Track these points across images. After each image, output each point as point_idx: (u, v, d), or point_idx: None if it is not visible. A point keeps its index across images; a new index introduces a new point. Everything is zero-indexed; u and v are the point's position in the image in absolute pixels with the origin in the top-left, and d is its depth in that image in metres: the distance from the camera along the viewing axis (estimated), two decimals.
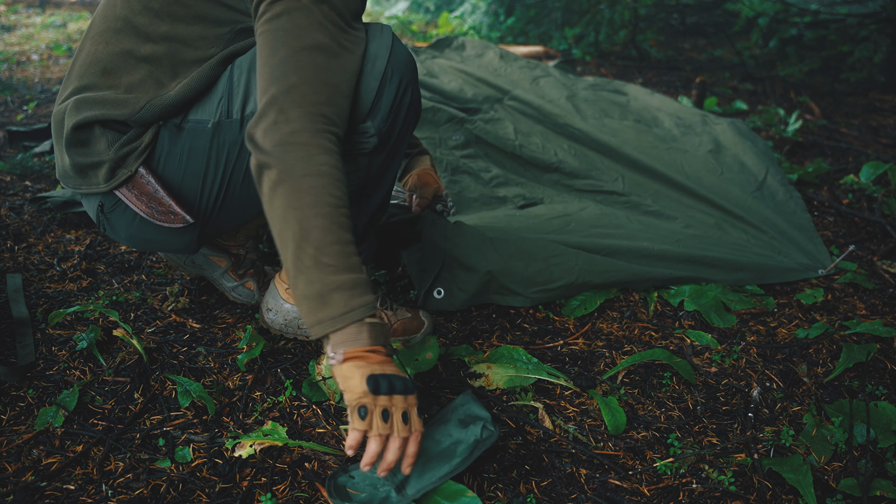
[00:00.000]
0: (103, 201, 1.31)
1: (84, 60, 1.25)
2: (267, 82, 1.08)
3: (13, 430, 1.25)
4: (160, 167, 1.28)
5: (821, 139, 3.11)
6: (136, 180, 1.26)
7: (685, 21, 5.87)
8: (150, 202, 1.27)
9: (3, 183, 2.33)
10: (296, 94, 1.06)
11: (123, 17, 1.20)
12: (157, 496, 1.12)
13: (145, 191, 1.27)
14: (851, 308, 1.76)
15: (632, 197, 2.26)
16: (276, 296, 1.51)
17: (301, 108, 1.05)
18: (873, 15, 3.96)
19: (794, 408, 1.39)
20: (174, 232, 1.32)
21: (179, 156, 1.26)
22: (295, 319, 1.50)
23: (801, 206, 2.31)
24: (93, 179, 1.28)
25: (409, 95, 1.24)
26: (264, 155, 1.04)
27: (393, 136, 1.25)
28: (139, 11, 1.19)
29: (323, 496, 1.13)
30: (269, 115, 1.05)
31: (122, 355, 1.45)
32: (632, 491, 1.17)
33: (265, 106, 1.06)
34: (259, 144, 1.05)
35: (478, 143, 2.51)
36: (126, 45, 1.21)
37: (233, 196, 1.31)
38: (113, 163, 1.24)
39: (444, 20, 5.92)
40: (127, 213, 1.31)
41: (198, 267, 1.64)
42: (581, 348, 1.58)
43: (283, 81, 1.06)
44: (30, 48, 4.70)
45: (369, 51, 1.19)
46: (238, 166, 1.27)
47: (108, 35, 1.22)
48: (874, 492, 1.15)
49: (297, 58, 1.07)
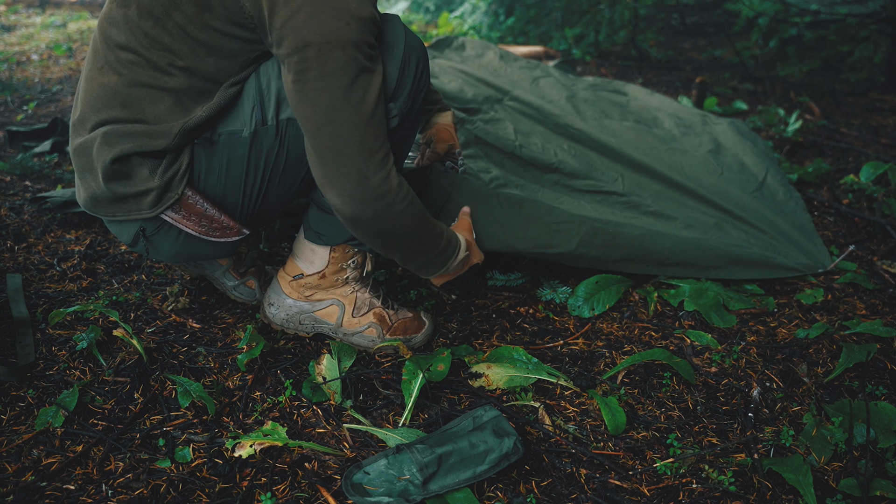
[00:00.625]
0: (145, 226, 1.30)
1: (98, 92, 1.22)
2: (318, 154, 1.18)
3: (13, 430, 1.25)
4: (201, 184, 1.28)
5: (821, 139, 3.11)
6: (184, 202, 1.27)
7: (685, 21, 5.87)
8: (202, 220, 1.29)
9: (3, 183, 2.33)
10: (347, 161, 1.17)
11: (133, 49, 1.18)
12: (157, 496, 1.12)
13: (195, 210, 1.28)
14: (851, 308, 1.76)
15: (632, 197, 2.25)
16: (278, 291, 1.51)
17: (357, 165, 1.17)
18: (873, 15, 3.96)
19: (794, 408, 1.39)
20: (220, 243, 1.34)
21: (218, 169, 1.27)
22: (297, 314, 1.50)
23: (801, 206, 2.31)
24: (133, 206, 1.27)
25: (425, 77, 1.29)
26: (347, 220, 1.23)
27: (413, 114, 1.30)
28: (149, 46, 1.17)
29: (323, 496, 1.13)
30: (335, 185, 1.19)
31: (122, 355, 1.45)
32: (632, 491, 1.17)
33: (323, 180, 1.20)
34: (340, 210, 1.21)
35: (478, 143, 2.50)
36: (143, 79, 1.19)
37: (271, 195, 1.33)
38: (160, 189, 1.24)
39: (444, 20, 5.92)
40: (171, 233, 1.31)
41: (199, 266, 1.64)
42: (581, 348, 1.58)
43: (335, 153, 1.16)
44: (30, 48, 4.70)
45: (386, 41, 1.22)
46: (276, 168, 1.29)
47: (119, 67, 1.19)
48: (874, 492, 1.15)
49: (335, 115, 1.14)
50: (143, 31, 1.16)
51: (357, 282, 1.52)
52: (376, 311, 1.52)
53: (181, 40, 1.16)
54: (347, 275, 1.50)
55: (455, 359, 1.49)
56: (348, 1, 1.10)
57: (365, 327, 1.50)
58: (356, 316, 1.50)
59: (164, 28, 1.15)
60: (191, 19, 1.14)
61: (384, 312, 1.52)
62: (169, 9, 1.14)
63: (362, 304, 1.51)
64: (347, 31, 1.10)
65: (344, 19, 1.09)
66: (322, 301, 1.50)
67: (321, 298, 1.50)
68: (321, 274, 1.48)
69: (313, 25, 1.08)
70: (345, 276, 1.50)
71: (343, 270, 1.49)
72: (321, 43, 1.09)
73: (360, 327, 1.50)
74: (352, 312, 1.50)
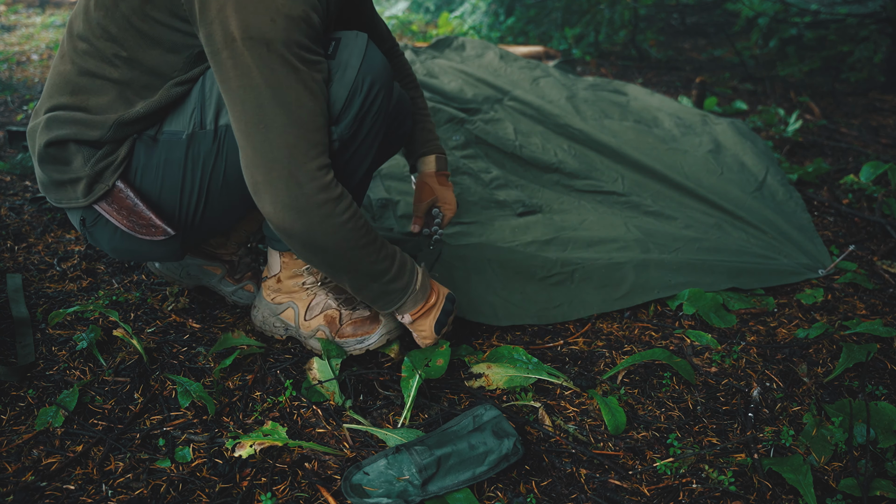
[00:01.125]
0: (84, 215, 1.31)
1: (55, 80, 1.25)
2: (248, 157, 1.14)
3: (13, 430, 1.25)
4: (137, 180, 1.27)
5: (821, 139, 3.11)
6: (115, 194, 1.26)
7: (685, 21, 5.87)
8: (131, 216, 1.27)
9: (3, 183, 2.33)
10: (278, 164, 1.12)
11: (87, 38, 1.20)
12: (157, 496, 1.12)
13: (125, 205, 1.26)
14: (851, 308, 1.76)
15: (632, 197, 2.26)
16: (260, 294, 1.54)
17: (289, 170, 1.12)
18: (873, 15, 3.96)
19: (794, 408, 1.39)
20: (156, 242, 1.32)
21: (156, 168, 1.26)
22: (269, 316, 1.52)
23: (801, 206, 2.31)
24: (71, 194, 1.27)
25: (379, 104, 1.24)
26: (280, 231, 1.17)
27: (357, 140, 1.25)
28: (99, 36, 1.18)
29: (323, 496, 1.13)
30: (267, 191, 1.14)
31: (122, 355, 1.45)
32: (632, 491, 1.17)
33: (255, 186, 1.15)
34: (271, 219, 1.16)
35: (478, 143, 2.51)
36: (92, 67, 1.21)
37: (212, 204, 1.30)
38: (90, 178, 1.24)
39: (444, 20, 5.91)
40: (108, 226, 1.31)
41: (194, 278, 1.64)
42: (581, 348, 1.58)
43: (265, 156, 1.12)
44: (30, 48, 4.70)
45: (340, 58, 1.19)
46: (215, 175, 1.26)
47: (74, 55, 1.22)
48: (874, 492, 1.15)
49: (264, 115, 1.11)
50: (96, 21, 1.18)
51: (315, 286, 1.50)
52: (327, 313, 1.47)
53: (125, 30, 1.16)
54: (304, 280, 1.49)
55: (454, 359, 1.49)
56: None
57: (315, 331, 1.47)
58: (307, 319, 1.48)
59: (112, 18, 1.16)
60: (135, 10, 1.14)
61: (335, 313, 1.47)
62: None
63: (315, 306, 1.48)
64: (272, 27, 1.06)
65: (269, 15, 1.06)
66: (282, 304, 1.50)
67: (280, 301, 1.50)
68: (276, 278, 1.50)
69: (238, 20, 1.06)
70: (301, 282, 1.49)
71: (299, 276, 1.48)
72: (245, 38, 1.06)
73: (311, 331, 1.47)
74: (304, 315, 1.48)
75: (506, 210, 2.14)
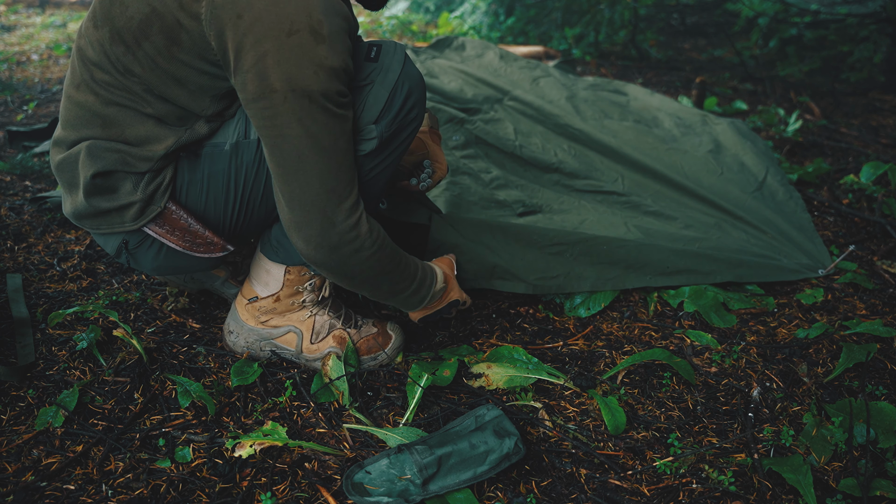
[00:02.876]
0: (128, 238, 1.28)
1: (76, 111, 1.20)
2: (286, 199, 1.17)
3: (13, 430, 1.25)
4: (183, 197, 1.25)
5: (821, 139, 3.11)
6: (167, 216, 1.25)
7: (685, 21, 5.87)
8: (185, 235, 1.27)
9: (3, 183, 2.33)
10: (315, 207, 1.16)
11: (106, 70, 1.15)
12: (157, 496, 1.12)
13: (178, 225, 1.26)
14: (851, 308, 1.76)
15: (632, 197, 2.25)
16: (236, 317, 1.47)
17: (324, 212, 1.16)
18: (873, 15, 3.96)
19: (794, 408, 1.39)
20: (204, 258, 1.32)
21: (200, 182, 1.24)
22: (256, 341, 1.46)
23: (801, 206, 2.31)
24: (116, 220, 1.25)
25: (416, 111, 1.24)
26: (311, 262, 1.22)
27: (392, 145, 1.25)
28: (122, 72, 1.14)
29: (323, 496, 1.13)
30: (302, 229, 1.18)
31: (122, 355, 1.45)
32: (632, 491, 1.17)
33: (289, 223, 1.19)
34: (306, 255, 1.21)
35: (478, 143, 2.50)
36: (120, 100, 1.17)
37: (253, 212, 1.30)
38: (142, 203, 1.22)
39: (444, 20, 5.91)
40: (153, 247, 1.29)
41: (198, 282, 1.63)
42: (581, 348, 1.58)
43: (302, 198, 1.15)
44: (30, 48, 4.70)
45: (382, 63, 1.20)
46: (256, 184, 1.26)
47: (95, 86, 1.17)
48: (874, 492, 1.15)
49: (303, 163, 1.13)
50: (115, 57, 1.13)
51: (315, 305, 1.47)
52: (336, 333, 1.46)
53: (151, 70, 1.13)
54: (304, 298, 1.44)
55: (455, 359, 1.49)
56: (318, 50, 1.06)
57: (325, 353, 1.44)
58: (315, 342, 1.45)
59: (135, 57, 1.12)
60: (160, 51, 1.10)
61: (344, 333, 1.46)
62: (139, 38, 1.10)
63: (321, 329, 1.46)
64: (314, 80, 1.06)
65: (311, 68, 1.06)
66: (279, 328, 1.45)
67: (277, 325, 1.45)
68: (276, 297, 1.43)
69: (279, 72, 1.05)
70: (301, 300, 1.44)
71: (299, 293, 1.44)
72: (287, 90, 1.06)
73: (320, 353, 1.45)
74: (310, 339, 1.45)
75: (506, 210, 2.14)
